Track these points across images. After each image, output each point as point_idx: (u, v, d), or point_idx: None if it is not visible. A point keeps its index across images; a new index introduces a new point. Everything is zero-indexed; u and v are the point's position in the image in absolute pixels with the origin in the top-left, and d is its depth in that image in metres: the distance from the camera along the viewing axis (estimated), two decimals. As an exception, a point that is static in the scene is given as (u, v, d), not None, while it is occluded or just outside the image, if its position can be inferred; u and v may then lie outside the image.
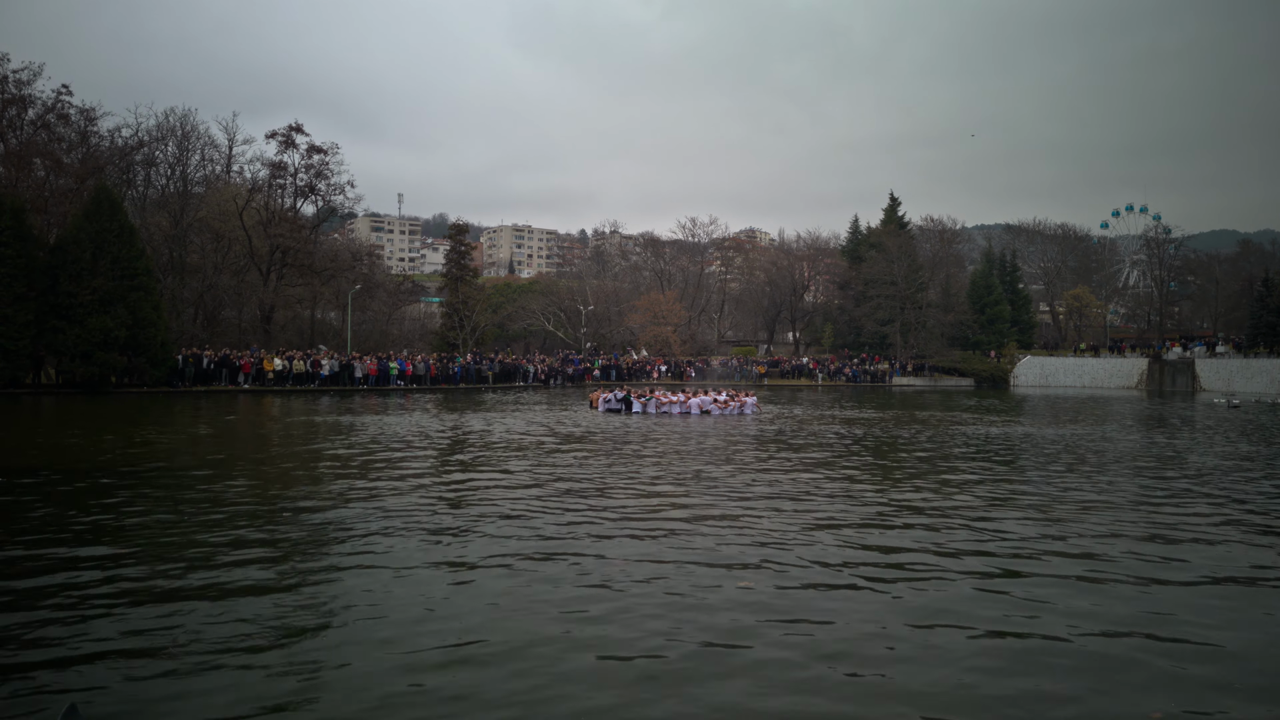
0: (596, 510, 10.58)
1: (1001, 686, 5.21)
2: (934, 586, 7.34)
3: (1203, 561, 8.35)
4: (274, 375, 41.73)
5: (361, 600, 6.72)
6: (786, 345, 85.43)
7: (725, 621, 6.31)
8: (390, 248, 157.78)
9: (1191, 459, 16.83)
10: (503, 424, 23.35)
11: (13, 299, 33.90)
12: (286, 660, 5.45)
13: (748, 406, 28.63)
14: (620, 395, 29.24)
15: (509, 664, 5.45)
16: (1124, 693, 5.15)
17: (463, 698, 4.95)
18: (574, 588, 7.16)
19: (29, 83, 43.15)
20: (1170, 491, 12.64)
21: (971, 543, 8.98)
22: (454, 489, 12.18)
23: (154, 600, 6.65)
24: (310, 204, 56.05)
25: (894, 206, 78.94)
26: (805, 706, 4.91)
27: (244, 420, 24.73)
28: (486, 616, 6.39)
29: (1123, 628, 6.30)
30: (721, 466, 14.79)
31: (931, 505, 11.20)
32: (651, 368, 59.37)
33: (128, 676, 5.17)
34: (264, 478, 13.10)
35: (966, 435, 21.79)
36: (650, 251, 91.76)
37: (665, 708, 4.87)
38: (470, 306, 61.49)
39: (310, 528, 9.38)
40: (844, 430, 22.87)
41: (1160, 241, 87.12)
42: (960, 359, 70.01)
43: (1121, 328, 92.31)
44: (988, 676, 5.36)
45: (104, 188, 39.53)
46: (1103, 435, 22.15)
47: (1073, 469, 15.08)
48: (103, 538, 8.73)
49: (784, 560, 8.15)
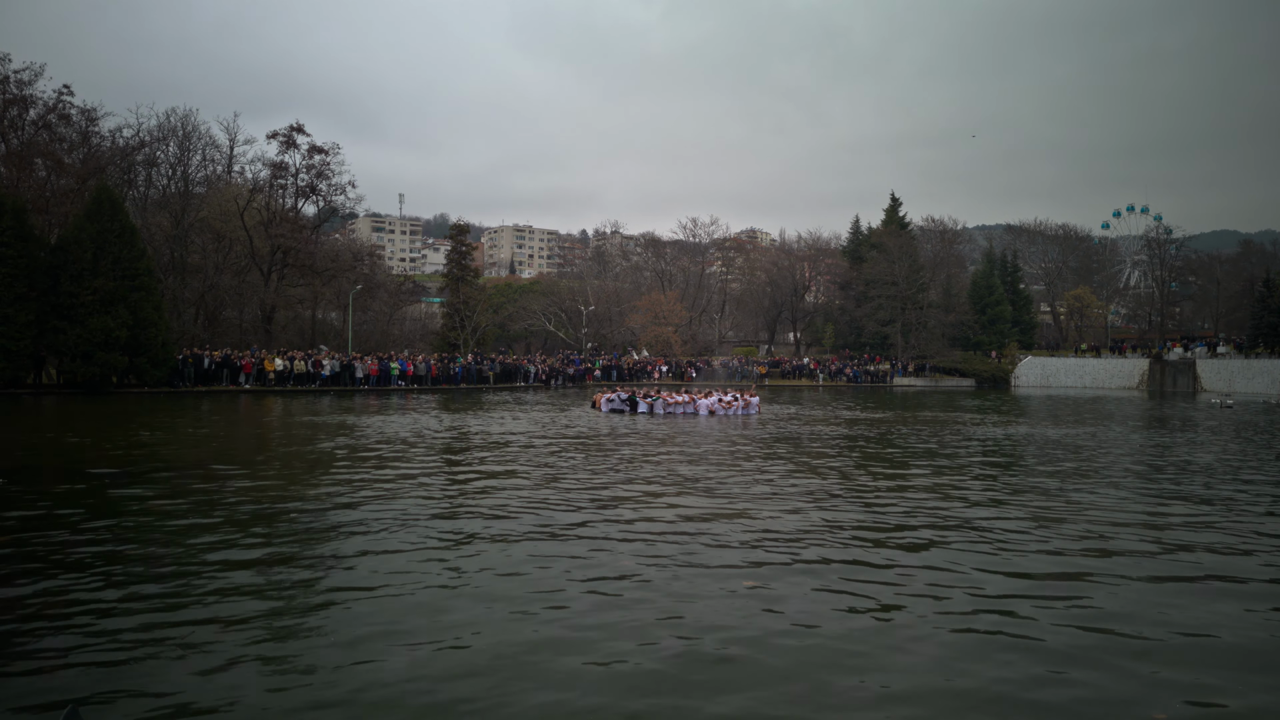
0: (601, 510, 10.57)
1: (1006, 688, 5.20)
2: (942, 589, 7.33)
3: (1215, 562, 8.34)
4: (275, 375, 41.75)
5: (363, 598, 6.72)
6: (787, 345, 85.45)
7: (730, 622, 6.30)
8: (391, 248, 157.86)
9: (1201, 457, 16.82)
10: (503, 424, 23.34)
11: (14, 299, 33.93)
12: (287, 660, 5.45)
13: (752, 407, 28.63)
14: (625, 396, 29.18)
15: (504, 667, 5.45)
16: (1126, 693, 5.14)
17: (467, 700, 4.95)
18: (579, 587, 7.15)
19: (30, 83, 43.24)
20: (1178, 492, 12.63)
21: (977, 542, 8.97)
22: (454, 489, 12.17)
23: (156, 599, 6.65)
24: (311, 204, 56.13)
25: (895, 207, 78.95)
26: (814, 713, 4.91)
27: (246, 420, 24.73)
28: (485, 617, 6.39)
29: (1122, 628, 6.30)
30: (724, 466, 14.78)
31: (937, 506, 11.20)
32: (652, 368, 59.36)
33: (128, 678, 5.17)
34: (265, 477, 13.09)
35: (970, 436, 21.78)
36: (651, 252, 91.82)
37: (670, 710, 4.86)
38: (471, 307, 61.52)
39: (311, 527, 9.37)
40: (848, 430, 22.87)
41: (1161, 242, 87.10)
42: (961, 359, 70.00)
43: (1122, 328, 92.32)
44: (983, 674, 5.35)
45: (105, 188, 39.54)
46: (1123, 437, 22.13)
47: (1079, 472, 15.07)
48: (103, 537, 8.73)
49: (787, 560, 8.15)
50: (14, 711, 4.70)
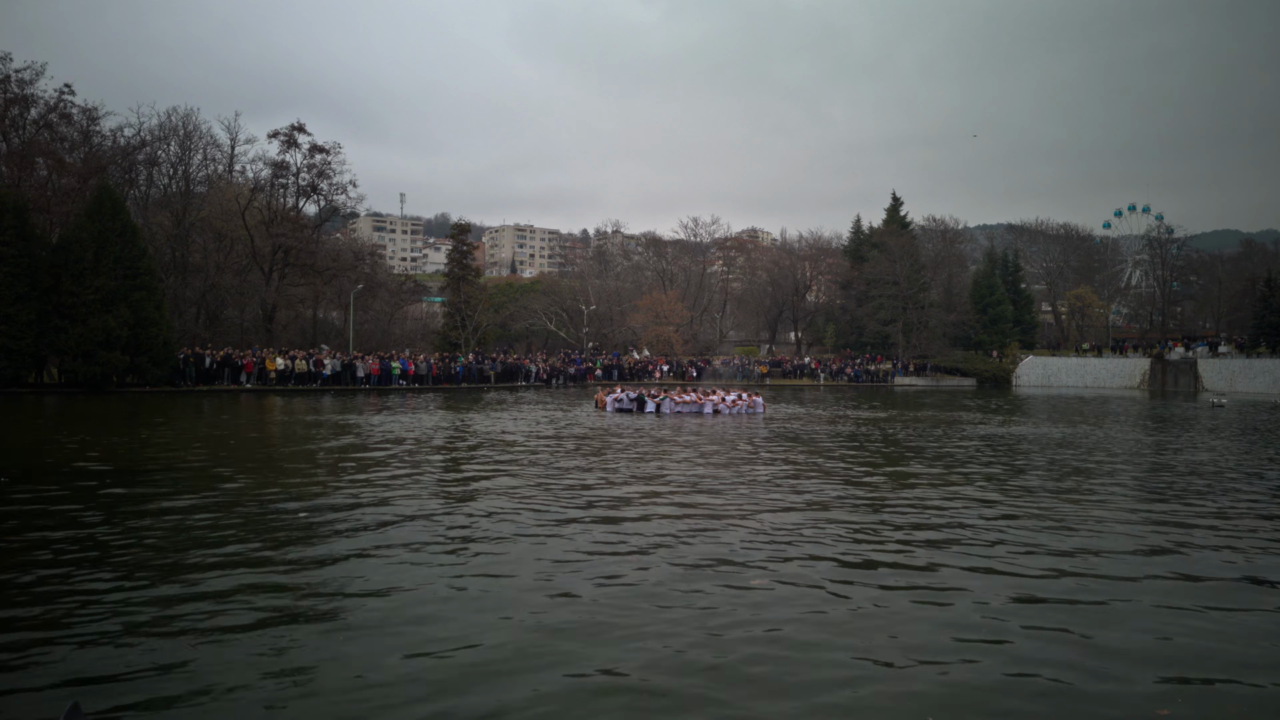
0: (609, 510, 10.54)
1: (1010, 685, 5.18)
2: (951, 589, 7.30)
3: (1224, 562, 8.31)
4: (276, 375, 41.72)
5: (364, 598, 6.69)
6: (788, 345, 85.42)
7: (738, 619, 6.27)
8: (392, 247, 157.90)
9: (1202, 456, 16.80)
10: (504, 424, 23.32)
11: (15, 298, 33.91)
12: (288, 660, 5.43)
13: (756, 406, 28.81)
14: (633, 395, 28.94)
15: (519, 670, 5.43)
16: (1132, 689, 5.11)
17: (475, 700, 4.92)
18: (592, 586, 7.13)
19: (31, 82, 43.18)
20: (1180, 490, 12.61)
21: (983, 541, 8.95)
22: (455, 489, 12.15)
23: (158, 598, 6.63)
24: (312, 203, 56.09)
25: (896, 206, 78.86)
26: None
27: (246, 420, 24.71)
28: (491, 615, 6.37)
29: (1130, 626, 6.27)
30: (732, 465, 14.75)
31: (942, 503, 11.17)
32: (653, 367, 59.32)
33: (130, 675, 5.14)
34: (266, 476, 13.06)
35: (973, 435, 21.75)
36: (652, 251, 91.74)
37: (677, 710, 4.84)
38: (472, 306, 61.48)
39: (312, 527, 9.35)
40: (853, 429, 22.84)
41: (1162, 241, 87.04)
42: (962, 359, 69.94)
43: (1124, 328, 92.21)
44: (989, 675, 5.32)
45: (106, 187, 39.52)
46: (1121, 435, 22.10)
47: (1081, 472, 15.04)
48: (104, 536, 8.71)
49: (793, 557, 8.12)
50: (17, 708, 4.67)
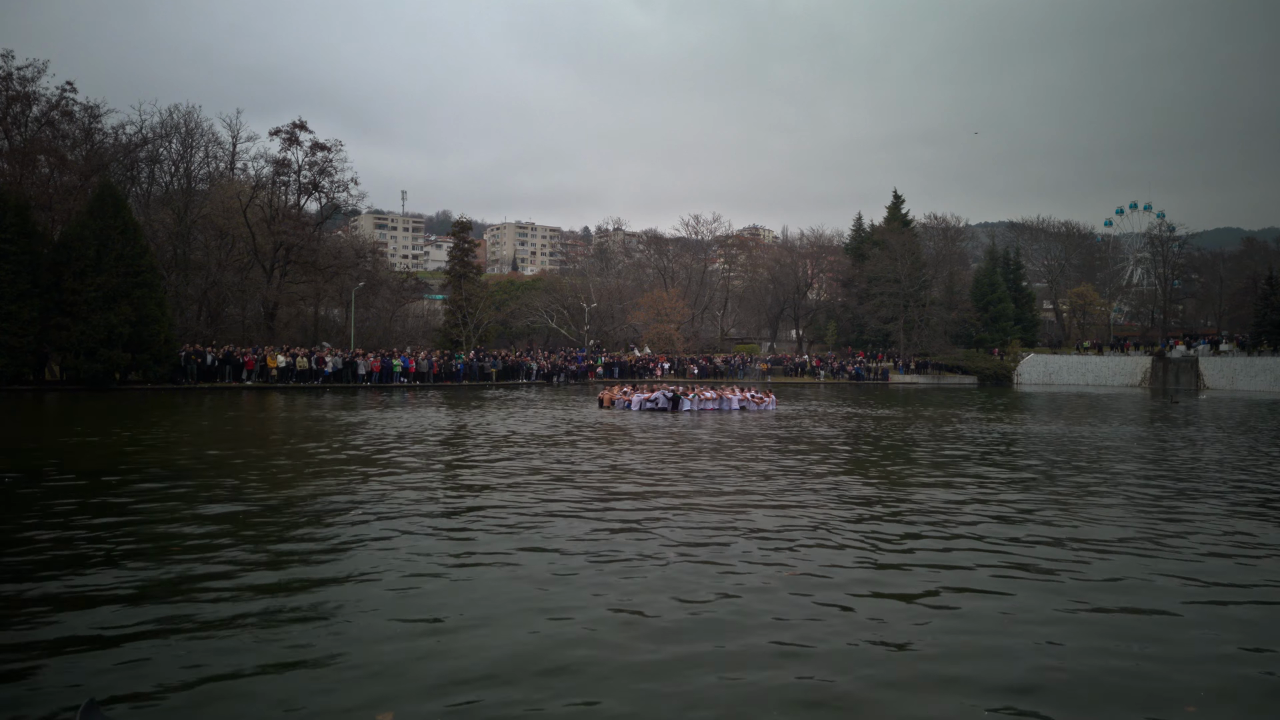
0: (630, 505, 10.54)
1: (1031, 679, 5.19)
2: (972, 586, 7.31)
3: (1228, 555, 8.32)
4: (277, 372, 41.74)
5: (369, 598, 6.71)
6: (789, 343, 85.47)
7: (771, 607, 6.29)
8: (394, 245, 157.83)
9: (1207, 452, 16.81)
10: (504, 423, 23.33)
11: (17, 296, 33.96)
12: (288, 661, 5.44)
13: (770, 404, 29.59)
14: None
15: (528, 666, 5.44)
16: (1159, 684, 5.13)
17: (483, 699, 4.93)
18: (615, 580, 7.14)
19: (33, 80, 43.27)
20: (1183, 487, 12.62)
21: (993, 538, 8.96)
22: (457, 488, 12.16)
23: (158, 599, 6.64)
24: (314, 201, 56.16)
25: (897, 204, 78.82)
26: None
27: (248, 417, 24.73)
28: (501, 612, 6.38)
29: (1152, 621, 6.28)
30: (753, 462, 14.77)
31: (947, 501, 11.18)
32: (654, 365, 59.32)
33: (143, 674, 5.15)
34: (267, 475, 13.08)
35: (977, 433, 21.75)
36: (653, 249, 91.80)
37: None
38: (473, 304, 61.50)
39: (313, 527, 9.36)
40: (858, 427, 22.85)
41: (1164, 239, 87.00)
42: (964, 357, 69.94)
43: (1125, 325, 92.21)
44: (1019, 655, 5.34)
45: (108, 184, 39.55)
46: (1135, 435, 22.11)
47: (1082, 468, 15.05)
48: (107, 536, 8.72)
49: (802, 551, 8.13)
50: (32, 707, 4.68)
